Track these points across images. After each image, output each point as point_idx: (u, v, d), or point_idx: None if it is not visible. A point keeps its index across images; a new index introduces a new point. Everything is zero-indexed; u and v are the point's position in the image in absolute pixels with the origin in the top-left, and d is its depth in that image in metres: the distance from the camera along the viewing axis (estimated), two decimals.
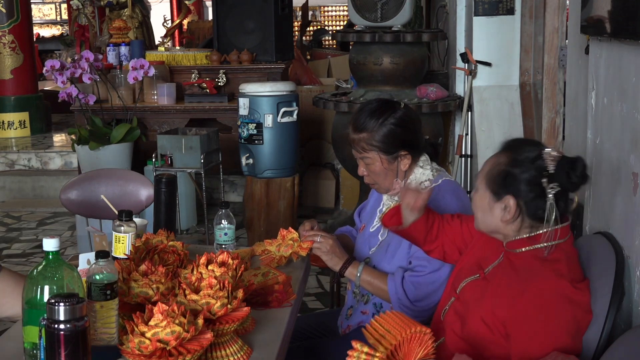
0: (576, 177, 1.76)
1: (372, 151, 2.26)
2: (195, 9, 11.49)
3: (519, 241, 1.84)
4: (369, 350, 1.66)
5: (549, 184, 1.76)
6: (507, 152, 1.84)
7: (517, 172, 1.79)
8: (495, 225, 1.85)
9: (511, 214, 1.81)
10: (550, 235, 1.79)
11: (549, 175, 1.76)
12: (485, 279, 1.89)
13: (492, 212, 1.84)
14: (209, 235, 4.85)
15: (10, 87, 7.56)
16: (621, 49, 1.96)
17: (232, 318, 1.69)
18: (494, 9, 4.71)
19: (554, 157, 1.77)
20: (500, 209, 1.82)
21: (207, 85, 5.59)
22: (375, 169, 2.29)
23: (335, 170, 6.05)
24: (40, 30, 14.94)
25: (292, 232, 2.34)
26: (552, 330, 1.72)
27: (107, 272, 1.64)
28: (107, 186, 3.40)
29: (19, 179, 6.60)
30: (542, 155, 1.78)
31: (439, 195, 2.23)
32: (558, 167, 1.76)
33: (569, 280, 1.75)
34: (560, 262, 1.78)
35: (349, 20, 6.79)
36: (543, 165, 1.77)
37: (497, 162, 1.84)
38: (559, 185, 1.76)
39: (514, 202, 1.80)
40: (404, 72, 4.76)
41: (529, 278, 1.77)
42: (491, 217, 1.85)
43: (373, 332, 1.74)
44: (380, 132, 2.24)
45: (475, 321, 1.84)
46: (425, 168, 2.31)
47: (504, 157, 1.83)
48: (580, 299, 1.75)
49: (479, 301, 1.86)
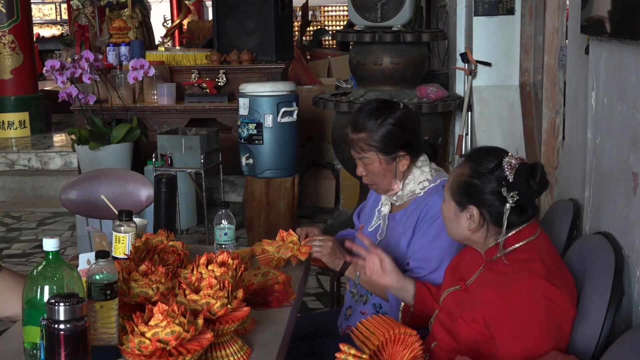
0: (536, 185, 1.81)
1: (371, 151, 2.26)
2: (195, 9, 11.50)
3: (493, 249, 1.88)
4: (355, 352, 1.67)
5: (508, 192, 1.80)
6: (469, 162, 1.89)
7: (477, 183, 1.84)
8: (463, 234, 1.91)
9: (476, 223, 1.86)
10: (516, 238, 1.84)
11: (508, 185, 1.81)
12: (466, 290, 1.92)
13: (459, 221, 1.90)
14: (209, 235, 4.85)
15: (10, 87, 7.56)
16: (621, 49, 1.96)
17: (232, 318, 1.69)
18: (494, 9, 4.71)
19: (512, 165, 1.82)
20: (466, 219, 1.88)
21: (207, 85, 5.60)
22: (373, 169, 2.28)
23: (335, 170, 6.05)
24: (40, 30, 14.94)
25: (292, 235, 2.34)
26: (530, 329, 1.74)
27: (107, 272, 1.64)
28: (107, 186, 3.40)
29: (19, 179, 6.60)
30: (501, 164, 1.82)
31: (437, 195, 2.23)
32: (517, 175, 1.81)
33: (544, 277, 1.77)
34: (534, 261, 1.81)
35: (349, 20, 6.79)
36: (502, 175, 1.82)
37: (460, 173, 1.89)
38: (518, 194, 1.80)
39: (477, 211, 1.85)
40: (404, 72, 4.76)
41: (505, 281, 1.80)
42: (458, 227, 1.91)
43: (359, 335, 1.76)
44: (379, 132, 2.24)
45: (462, 327, 1.85)
46: (423, 169, 2.31)
47: (466, 167, 1.88)
48: (556, 295, 1.77)
49: (461, 309, 1.88)
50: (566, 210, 2.42)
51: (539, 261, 1.80)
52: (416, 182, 2.30)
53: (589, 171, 2.25)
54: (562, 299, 1.78)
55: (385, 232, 2.35)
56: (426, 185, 2.29)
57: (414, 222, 2.26)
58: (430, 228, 2.22)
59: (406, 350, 1.74)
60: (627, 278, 1.90)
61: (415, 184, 2.30)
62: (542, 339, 1.75)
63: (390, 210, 2.37)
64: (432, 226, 2.22)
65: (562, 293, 1.78)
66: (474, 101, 4.81)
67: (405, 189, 2.31)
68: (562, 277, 1.82)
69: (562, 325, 1.79)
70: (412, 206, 2.29)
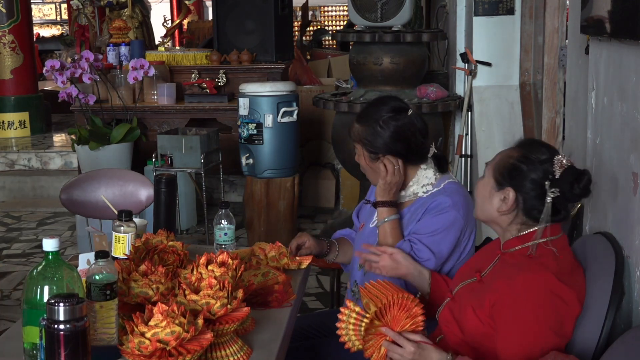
0: (578, 189, 1.82)
1: (359, 144, 2.31)
2: (195, 9, 11.49)
3: (512, 240, 1.89)
4: (359, 311, 1.77)
5: (550, 187, 1.81)
6: (520, 148, 1.90)
7: (524, 168, 1.85)
8: (490, 213, 1.91)
9: (508, 205, 1.87)
10: (539, 234, 1.84)
11: (553, 180, 1.82)
12: (481, 281, 1.93)
13: (491, 200, 1.90)
14: (209, 235, 4.85)
15: (10, 87, 7.55)
16: (621, 49, 1.96)
17: (232, 318, 1.69)
18: (494, 9, 4.70)
19: (563, 164, 1.83)
20: (499, 199, 1.88)
21: (207, 85, 5.59)
22: (360, 161, 2.34)
23: (335, 170, 6.04)
24: (40, 30, 14.93)
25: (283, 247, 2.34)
26: (530, 320, 1.75)
27: (107, 272, 1.64)
28: (107, 186, 3.40)
29: (19, 179, 6.59)
30: (552, 159, 1.84)
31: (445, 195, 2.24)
32: (564, 174, 1.82)
33: (554, 273, 1.78)
34: (548, 257, 1.82)
35: (349, 20, 6.79)
36: (550, 169, 1.83)
37: (509, 155, 1.90)
38: (559, 192, 1.81)
39: (513, 194, 1.86)
40: (404, 72, 4.76)
41: (515, 271, 1.81)
42: (489, 205, 1.91)
43: (367, 294, 1.85)
44: (371, 129, 2.27)
45: (470, 316, 1.86)
46: (427, 172, 2.32)
47: (517, 152, 1.89)
48: (564, 292, 1.78)
49: (471, 299, 1.89)
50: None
51: (553, 258, 1.82)
52: (419, 185, 2.31)
53: (589, 170, 2.25)
54: (569, 297, 1.78)
55: None
56: (429, 189, 2.30)
57: (420, 214, 2.27)
58: (439, 218, 2.23)
59: (408, 320, 1.81)
60: (627, 278, 1.90)
61: (418, 186, 2.31)
62: (540, 332, 1.75)
63: None
64: (440, 217, 2.23)
65: (570, 291, 1.79)
66: (474, 101, 4.81)
67: (408, 190, 2.33)
68: (572, 277, 1.83)
69: (565, 322, 1.79)
70: (417, 204, 2.30)
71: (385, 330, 1.83)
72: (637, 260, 1.85)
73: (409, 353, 1.81)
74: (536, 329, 1.75)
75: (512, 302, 1.77)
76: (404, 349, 1.81)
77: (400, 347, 1.82)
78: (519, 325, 1.76)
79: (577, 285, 1.83)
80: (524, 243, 1.86)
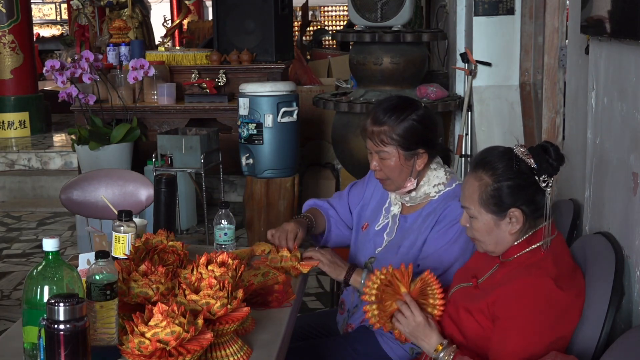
0: (554, 160, 1.81)
1: (391, 145, 2.24)
2: (195, 9, 11.49)
3: (512, 249, 1.87)
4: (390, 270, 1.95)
5: (539, 177, 1.80)
6: (483, 172, 1.85)
7: (507, 184, 1.82)
8: (506, 239, 1.86)
9: (520, 222, 1.83)
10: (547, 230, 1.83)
11: (537, 171, 1.80)
12: (477, 287, 1.92)
13: (499, 230, 1.86)
14: (209, 235, 4.85)
15: (10, 87, 7.55)
16: (621, 49, 1.96)
17: (232, 318, 1.69)
18: (494, 9, 4.70)
19: (525, 152, 1.81)
20: (507, 223, 1.84)
21: (207, 85, 5.60)
22: (390, 164, 2.26)
23: (335, 170, 6.04)
24: (40, 30, 14.92)
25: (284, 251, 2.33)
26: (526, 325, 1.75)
27: (107, 272, 1.64)
28: (107, 186, 3.40)
29: (19, 179, 6.59)
30: (513, 157, 1.81)
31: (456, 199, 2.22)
32: (536, 159, 1.80)
33: (553, 278, 1.77)
34: (547, 260, 1.81)
35: (349, 20, 6.79)
36: (526, 166, 1.81)
37: (481, 184, 1.84)
38: (547, 174, 1.80)
39: (518, 210, 1.82)
40: (404, 72, 4.75)
41: (515, 275, 1.81)
42: (502, 235, 1.86)
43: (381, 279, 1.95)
44: (402, 126, 2.23)
45: (469, 321, 1.86)
46: (438, 172, 2.30)
47: (485, 177, 1.84)
48: (561, 298, 1.77)
49: (469, 302, 1.89)
50: (566, 210, 2.42)
51: (552, 262, 1.81)
52: (430, 185, 2.29)
53: (589, 171, 2.25)
54: (567, 302, 1.78)
55: (395, 232, 2.35)
56: (441, 189, 2.28)
57: (432, 223, 2.24)
58: (449, 231, 2.21)
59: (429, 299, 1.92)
60: (627, 278, 1.90)
61: (429, 186, 2.29)
62: (535, 337, 1.75)
63: (401, 211, 2.36)
64: (450, 230, 2.21)
65: (568, 297, 1.78)
66: (474, 101, 4.81)
67: (420, 191, 2.30)
68: (572, 281, 1.82)
69: (564, 326, 1.79)
70: (428, 208, 2.28)
71: (404, 293, 1.88)
72: (637, 260, 1.85)
73: (416, 322, 1.84)
74: (536, 338, 1.75)
75: (512, 306, 1.77)
76: (414, 316, 1.84)
77: (410, 313, 1.84)
78: (517, 330, 1.75)
79: (576, 288, 1.83)
80: (524, 249, 1.84)
